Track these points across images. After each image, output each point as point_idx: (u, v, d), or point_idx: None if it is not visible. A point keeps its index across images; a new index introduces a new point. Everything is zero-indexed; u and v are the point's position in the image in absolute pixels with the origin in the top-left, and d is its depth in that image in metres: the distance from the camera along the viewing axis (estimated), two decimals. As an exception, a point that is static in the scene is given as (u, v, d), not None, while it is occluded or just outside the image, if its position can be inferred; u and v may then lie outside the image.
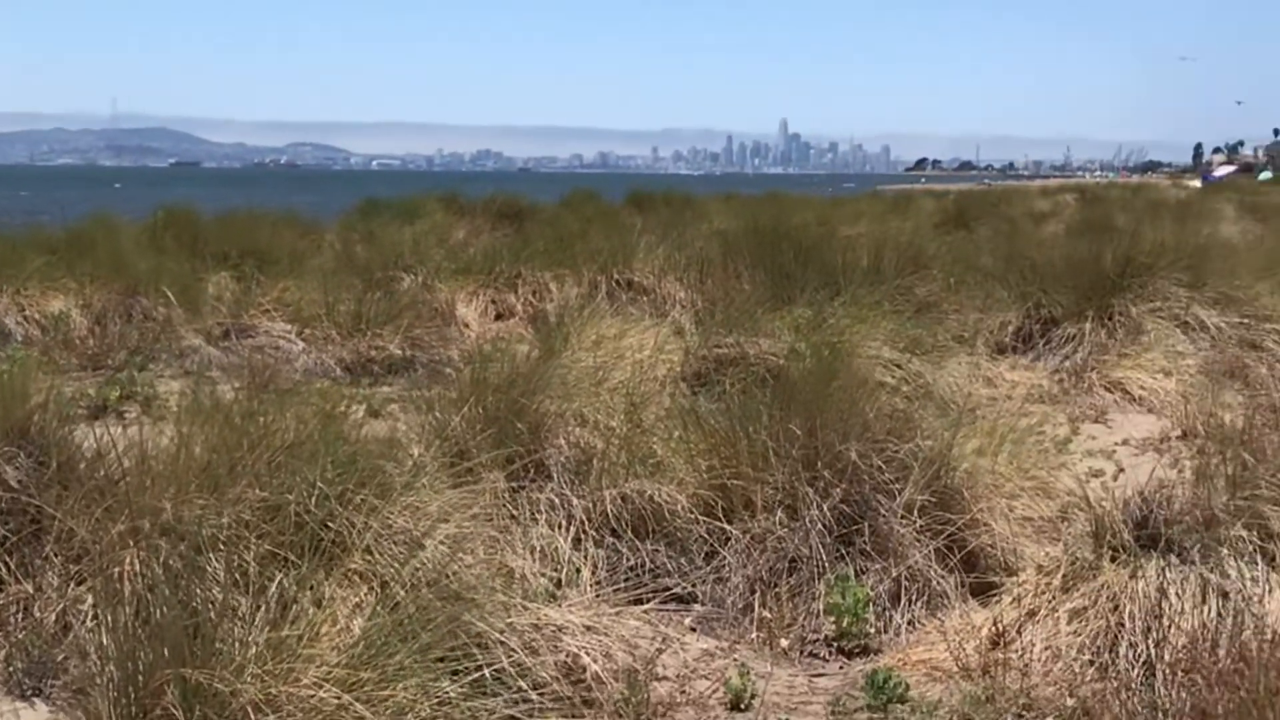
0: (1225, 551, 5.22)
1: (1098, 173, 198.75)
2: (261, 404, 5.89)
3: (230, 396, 6.58)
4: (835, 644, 5.63)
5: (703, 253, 14.41)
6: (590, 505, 6.14)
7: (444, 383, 7.90)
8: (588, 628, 5.14)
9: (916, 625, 5.78)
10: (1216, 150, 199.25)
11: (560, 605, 5.27)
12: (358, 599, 4.75)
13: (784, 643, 5.61)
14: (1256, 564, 5.22)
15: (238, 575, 4.61)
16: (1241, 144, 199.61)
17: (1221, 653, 4.58)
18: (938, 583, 5.93)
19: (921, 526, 6.07)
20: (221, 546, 4.76)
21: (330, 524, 4.94)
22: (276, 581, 4.56)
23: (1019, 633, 5.28)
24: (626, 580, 5.85)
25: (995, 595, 5.63)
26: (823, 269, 12.12)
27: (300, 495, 4.98)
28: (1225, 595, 5.09)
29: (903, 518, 6.07)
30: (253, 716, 3.87)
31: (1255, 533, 5.31)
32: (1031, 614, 5.34)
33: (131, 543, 4.95)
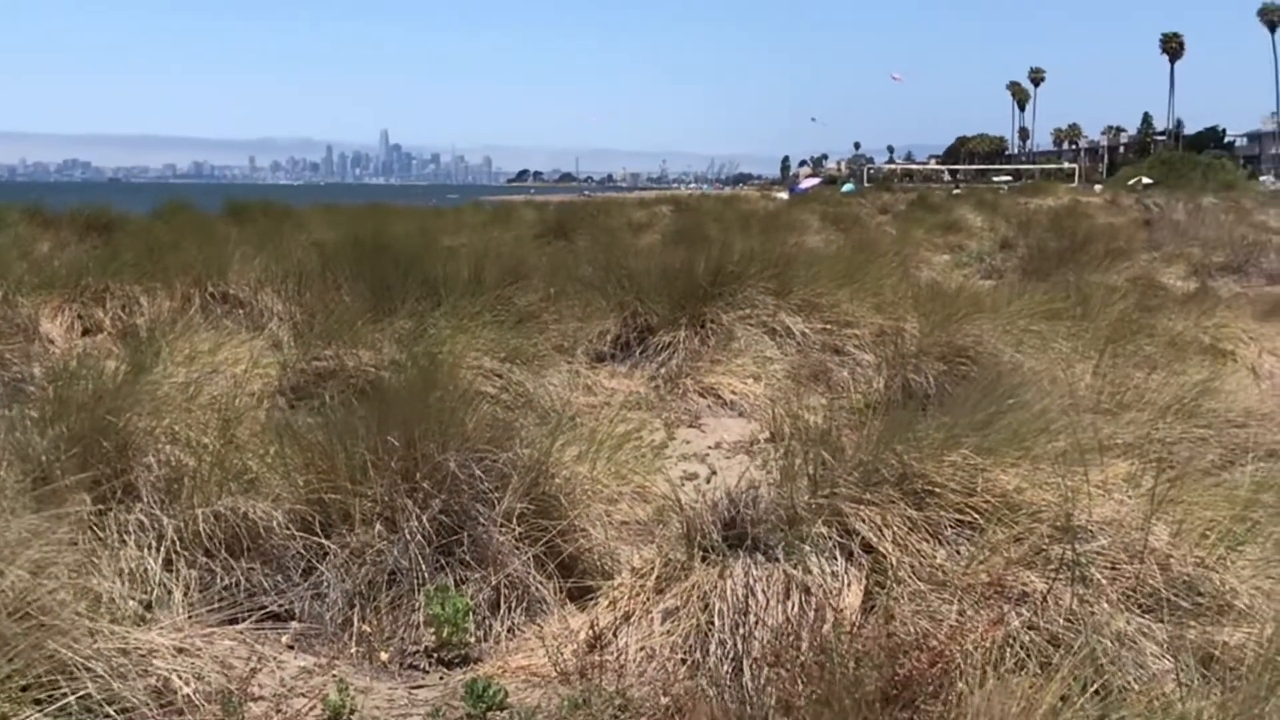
0: (807, 548, 5.45)
1: (692, 185, 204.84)
2: None
3: None
4: (435, 655, 5.63)
5: (301, 264, 14.19)
6: (182, 524, 5.96)
7: (26, 402, 7.55)
8: (179, 650, 5.00)
9: (516, 632, 5.83)
10: (803, 163, 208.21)
11: (150, 628, 5.11)
12: (-70, 632, 4.50)
13: (384, 656, 5.58)
14: (836, 559, 5.47)
15: None
16: (826, 157, 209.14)
17: (804, 646, 4.78)
18: (537, 589, 6.00)
19: (521, 534, 6.13)
20: None
21: (-102, 554, 4.67)
22: None
23: (615, 635, 5.39)
24: (221, 600, 5.70)
25: (592, 599, 5.74)
26: (424, 280, 12.12)
27: None
28: (807, 590, 5.32)
29: (502, 526, 6.11)
30: None
31: (835, 529, 5.56)
32: (627, 616, 5.46)
33: None
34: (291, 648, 5.64)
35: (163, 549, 5.85)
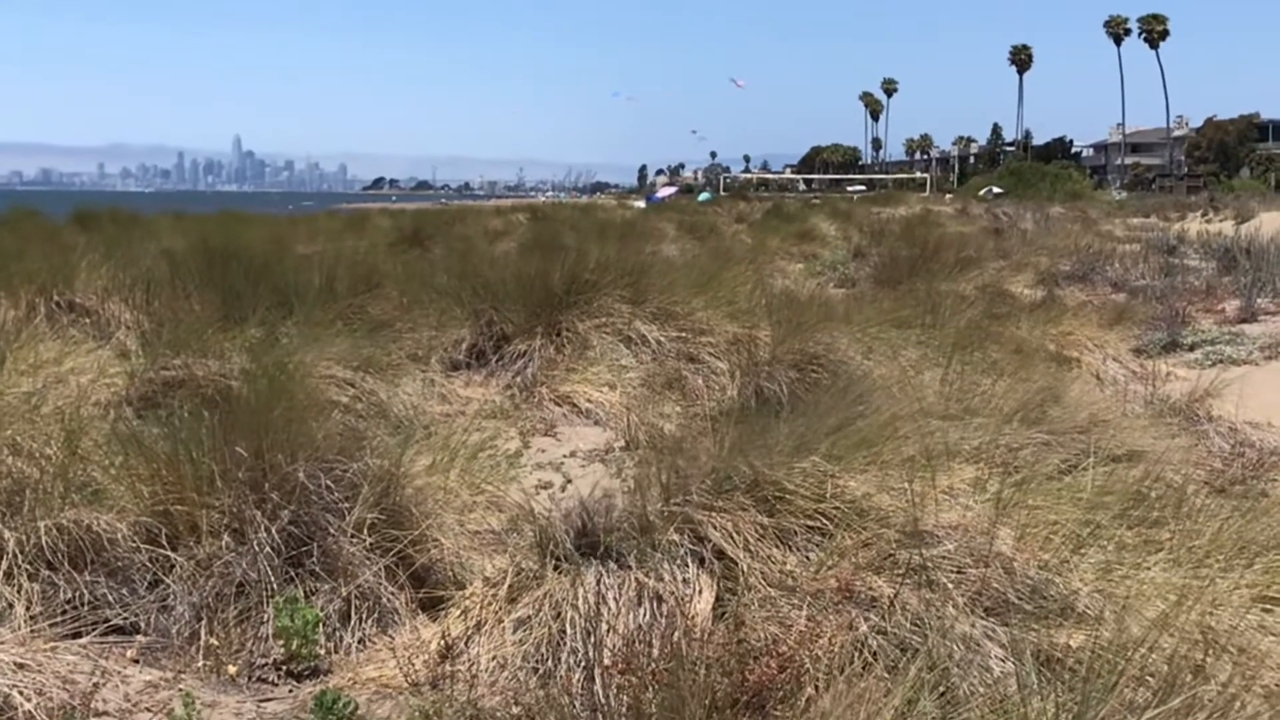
0: (659, 556, 5.49)
1: (549, 193, 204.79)
2: None
3: None
4: (285, 667, 5.57)
5: (150, 273, 13.94)
6: (24, 537, 5.83)
7: None
8: (19, 665, 4.89)
9: (367, 643, 5.79)
10: (660, 172, 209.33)
11: (-11, 643, 5.00)
12: None
13: (232, 669, 5.51)
14: (688, 566, 5.51)
15: None
16: (683, 166, 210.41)
17: (655, 652, 4.81)
18: (388, 600, 5.97)
19: (372, 544, 6.08)
20: None
21: None
22: None
23: (467, 645, 5.38)
24: (63, 614, 5.57)
25: (444, 609, 5.72)
26: (275, 288, 12.00)
27: None
28: (659, 597, 5.36)
29: (353, 537, 6.06)
30: None
31: (687, 536, 5.61)
32: (479, 626, 5.46)
33: None
34: (137, 662, 5.54)
35: (3, 562, 5.72)
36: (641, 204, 72.61)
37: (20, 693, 4.74)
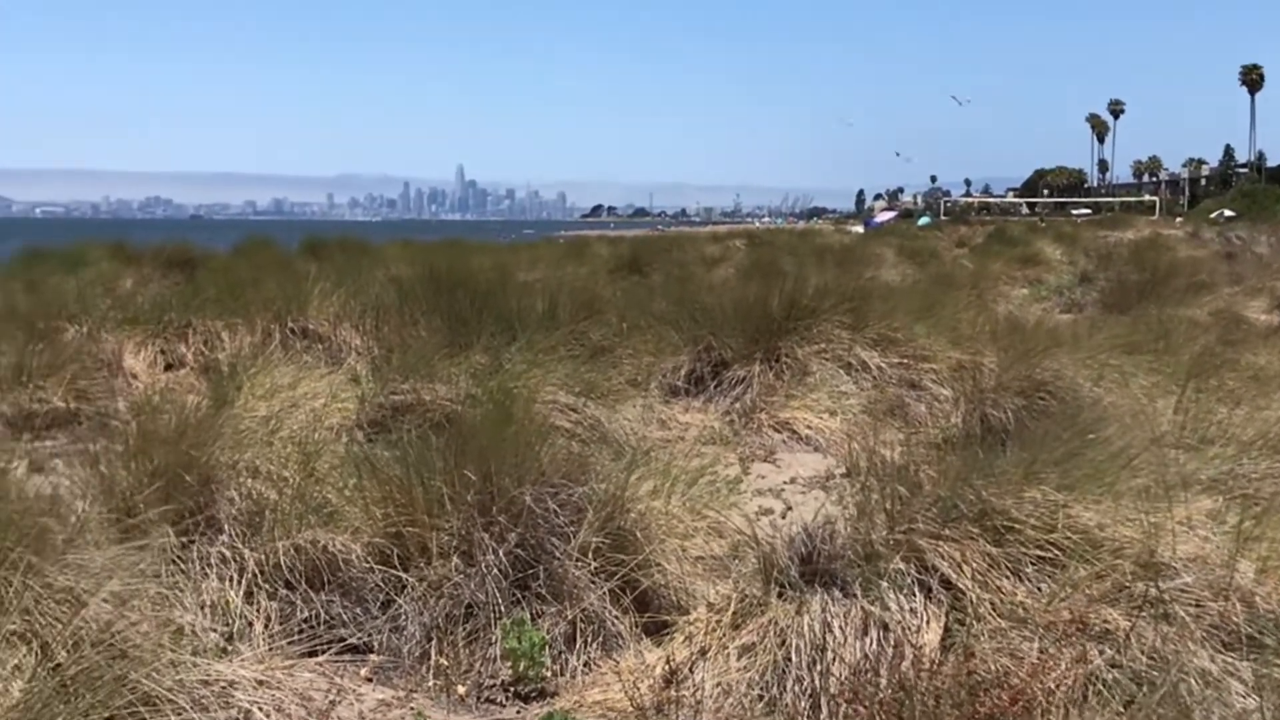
0: (885, 584, 5.42)
1: (766, 218, 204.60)
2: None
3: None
4: (512, 689, 5.64)
5: (379, 299, 14.29)
6: (263, 557, 6.02)
7: (111, 436, 7.66)
8: (260, 682, 5.05)
9: (592, 667, 5.82)
10: (878, 196, 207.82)
11: (231, 660, 5.17)
12: (16, 661, 4.56)
13: (461, 689, 5.60)
14: (914, 595, 5.43)
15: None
16: (901, 190, 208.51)
17: (882, 682, 4.76)
18: (612, 624, 6.00)
19: (596, 568, 6.12)
20: None
21: (-14, 584, 4.74)
22: (-73, 646, 4.35)
23: (691, 670, 5.38)
24: (300, 632, 5.75)
25: (668, 634, 5.72)
26: (499, 315, 12.18)
27: (-46, 556, 4.76)
28: (885, 627, 5.29)
29: (578, 560, 6.11)
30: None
31: (913, 565, 5.53)
32: (703, 651, 5.45)
33: None
34: (370, 680, 5.67)
35: (244, 581, 5.92)
36: (859, 229, 72.21)
37: (260, 709, 4.89)
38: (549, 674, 5.70)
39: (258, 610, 5.84)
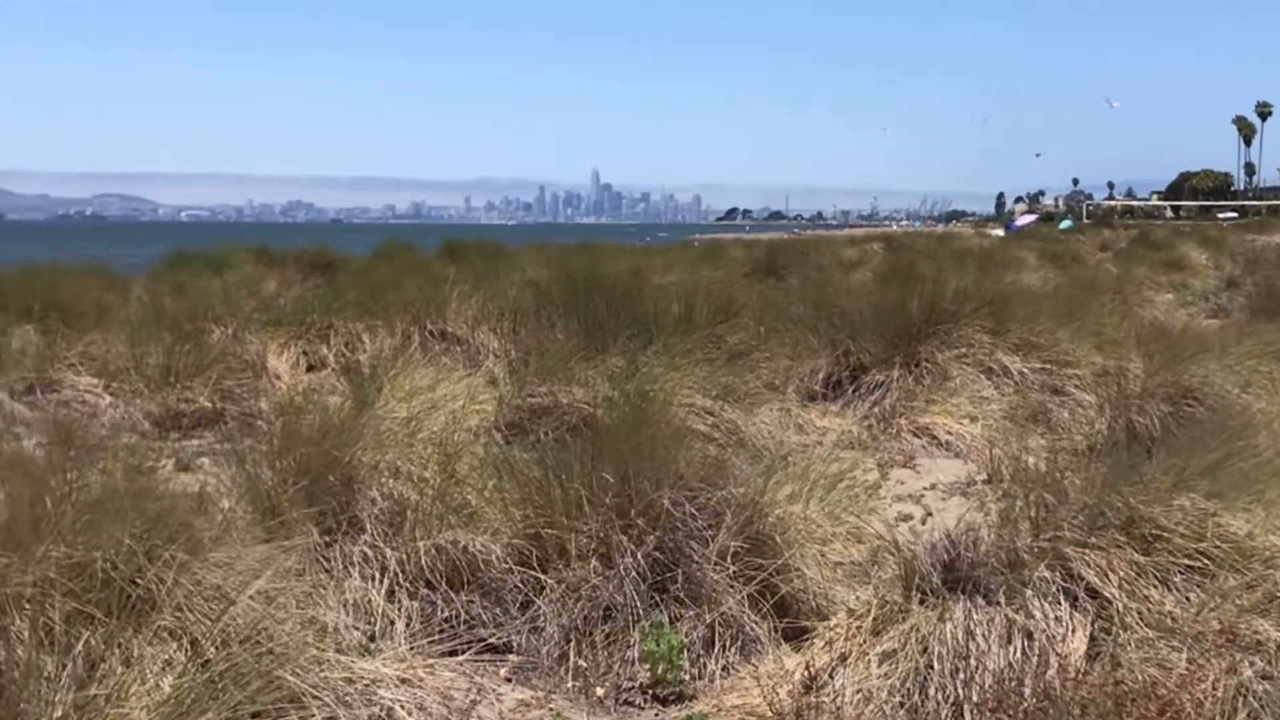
0: (1029, 592, 5.34)
1: (904, 221, 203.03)
2: (67, 459, 5.74)
3: (34, 452, 6.41)
4: (650, 691, 5.64)
5: (516, 302, 14.40)
6: (404, 557, 6.09)
7: (255, 436, 7.79)
8: (402, 680, 5.10)
9: (730, 671, 5.80)
10: (1019, 199, 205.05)
11: (374, 658, 5.23)
12: (167, 656, 4.64)
13: (599, 691, 5.61)
14: (1059, 604, 5.35)
15: (43, 634, 4.49)
16: (1043, 193, 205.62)
17: (1027, 691, 4.70)
18: (751, 628, 5.98)
19: (735, 573, 6.11)
20: (26, 605, 4.63)
21: (138, 580, 4.83)
22: (83, 640, 4.45)
23: (831, 676, 5.34)
24: (441, 632, 5.80)
25: (807, 639, 5.69)
26: (635, 318, 12.19)
27: (107, 552, 4.86)
28: (1029, 635, 5.21)
29: (716, 564, 6.10)
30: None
31: (1058, 573, 5.44)
32: (843, 657, 5.41)
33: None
34: (509, 680, 5.70)
35: (385, 580, 5.98)
36: (1000, 232, 71.41)
37: (402, 707, 4.94)
38: (687, 677, 5.69)
39: (399, 609, 5.90)
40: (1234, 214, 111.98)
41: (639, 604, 5.93)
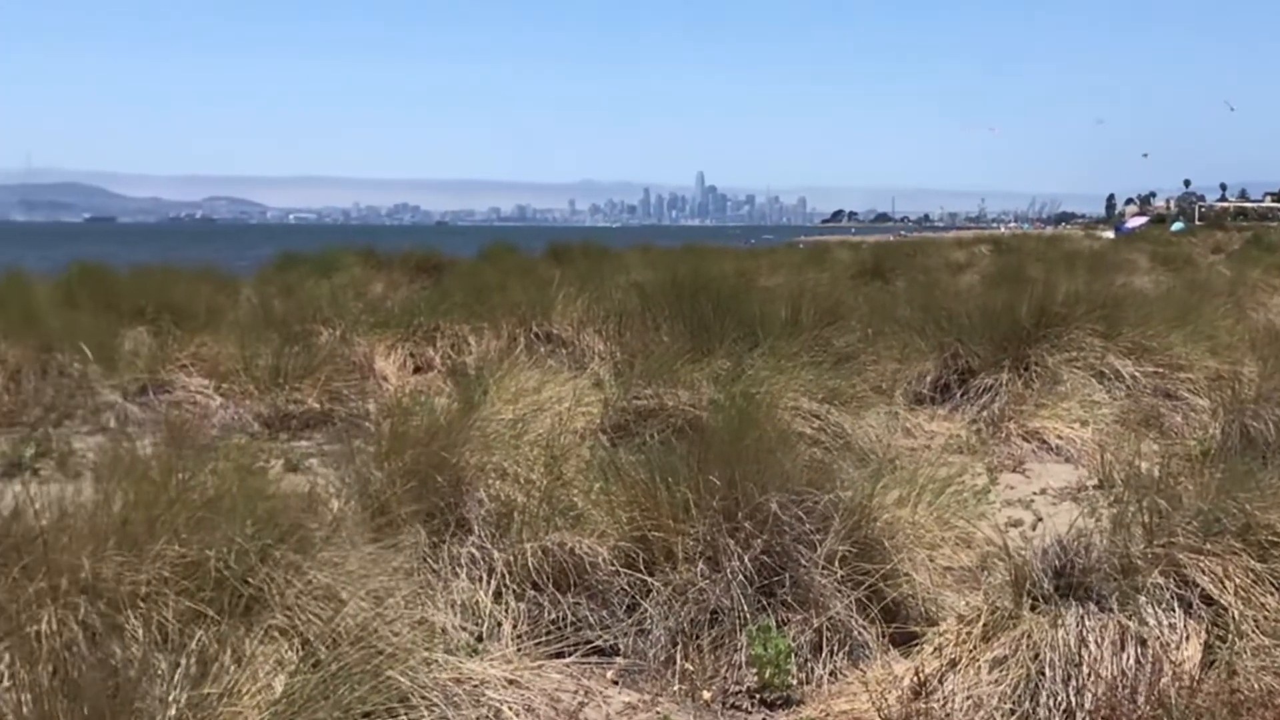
0: (1143, 599, 5.27)
1: (1012, 224, 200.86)
2: (180, 459, 5.82)
3: (148, 452, 6.50)
4: (758, 695, 5.62)
5: (621, 304, 14.40)
6: (511, 558, 6.11)
7: (363, 436, 7.85)
8: (509, 681, 5.12)
9: (838, 676, 5.77)
10: (1129, 201, 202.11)
11: (482, 659, 5.26)
12: (279, 656, 4.70)
13: (706, 695, 5.60)
14: (1174, 611, 5.27)
15: (157, 633, 4.56)
16: (1154, 195, 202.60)
17: (1140, 700, 4.63)
18: (859, 633, 5.94)
19: (842, 577, 6.07)
20: (140, 604, 4.70)
21: (250, 580, 4.90)
22: (196, 639, 4.51)
23: (940, 682, 5.29)
24: (548, 633, 5.82)
25: (916, 645, 5.63)
26: (741, 320, 12.15)
27: (220, 551, 4.93)
28: (1143, 643, 5.14)
29: (824, 568, 6.07)
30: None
31: (1172, 580, 5.36)
32: (953, 663, 5.35)
33: (49, 601, 4.87)
34: (616, 683, 5.70)
35: (493, 582, 6.01)
36: (1110, 234, 70.58)
37: (510, 708, 4.97)
38: (794, 682, 5.66)
39: (506, 610, 5.93)
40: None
41: (746, 607, 5.91)
